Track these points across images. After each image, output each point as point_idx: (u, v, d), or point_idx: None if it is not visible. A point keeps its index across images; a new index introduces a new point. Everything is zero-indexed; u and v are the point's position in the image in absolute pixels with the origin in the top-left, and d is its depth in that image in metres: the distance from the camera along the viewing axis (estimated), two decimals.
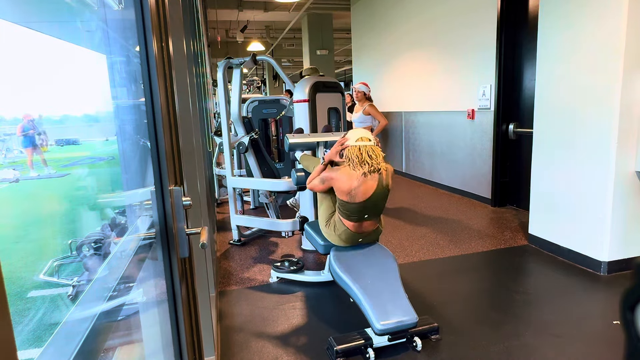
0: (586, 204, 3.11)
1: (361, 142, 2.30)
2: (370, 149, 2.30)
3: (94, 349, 0.87)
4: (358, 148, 2.29)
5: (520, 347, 2.21)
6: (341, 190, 2.30)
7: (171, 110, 1.04)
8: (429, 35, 5.98)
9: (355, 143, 2.31)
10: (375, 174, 2.27)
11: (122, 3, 1.34)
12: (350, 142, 2.33)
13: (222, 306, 2.81)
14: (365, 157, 2.27)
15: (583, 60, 3.06)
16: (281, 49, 14.81)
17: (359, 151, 2.28)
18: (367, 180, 2.25)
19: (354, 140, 2.32)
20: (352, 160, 2.29)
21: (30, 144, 1.92)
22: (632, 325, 0.81)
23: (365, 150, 2.28)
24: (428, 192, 5.87)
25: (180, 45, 1.74)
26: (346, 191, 2.27)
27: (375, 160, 2.28)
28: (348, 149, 2.32)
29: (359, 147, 2.29)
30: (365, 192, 2.26)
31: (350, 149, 2.31)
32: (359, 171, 2.25)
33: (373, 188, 2.27)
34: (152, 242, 1.15)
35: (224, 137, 3.97)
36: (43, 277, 1.61)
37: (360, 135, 2.34)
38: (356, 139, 2.33)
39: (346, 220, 2.39)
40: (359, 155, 2.27)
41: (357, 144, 2.30)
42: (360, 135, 2.34)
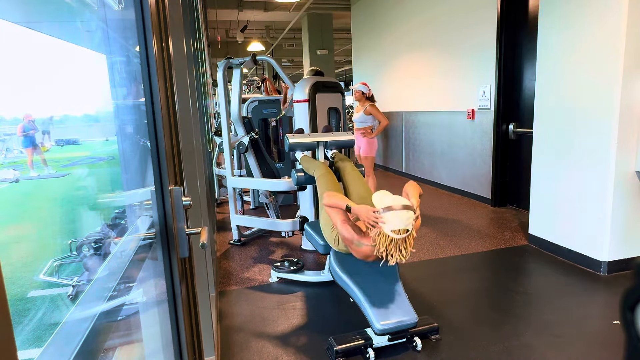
0: (586, 204, 3.11)
1: (397, 235, 1.86)
2: (404, 241, 1.89)
3: (94, 349, 0.87)
4: (391, 240, 1.88)
5: (520, 347, 2.21)
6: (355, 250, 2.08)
7: (171, 110, 1.04)
8: (429, 35, 5.98)
9: (390, 232, 1.86)
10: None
11: (122, 3, 1.34)
12: (385, 229, 1.87)
13: (222, 306, 2.81)
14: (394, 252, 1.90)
15: (583, 60, 3.06)
16: (281, 49, 14.81)
17: (390, 244, 1.88)
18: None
19: (390, 227, 1.86)
20: (378, 247, 1.92)
21: (31, 144, 1.92)
22: (632, 325, 0.81)
23: (397, 245, 1.89)
24: (428, 192, 5.87)
25: (180, 45, 1.74)
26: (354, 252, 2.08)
27: (404, 253, 1.91)
28: (380, 235, 1.90)
29: (392, 240, 1.88)
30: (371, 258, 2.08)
31: (382, 236, 1.89)
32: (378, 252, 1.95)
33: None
34: (152, 242, 1.15)
35: (224, 137, 3.97)
36: (43, 277, 1.61)
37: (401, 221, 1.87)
38: (394, 226, 1.86)
39: None
40: (388, 247, 1.89)
41: (392, 236, 1.87)
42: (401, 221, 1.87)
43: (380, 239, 1.89)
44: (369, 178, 4.86)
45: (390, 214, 1.87)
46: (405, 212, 1.88)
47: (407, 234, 1.88)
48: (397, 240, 1.88)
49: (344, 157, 2.99)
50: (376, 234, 1.91)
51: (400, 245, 1.89)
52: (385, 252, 1.90)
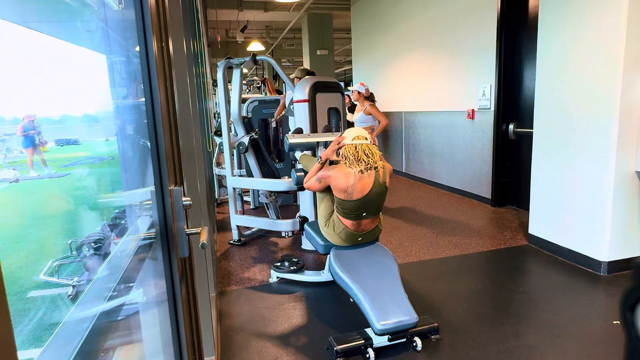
0: (586, 204, 3.11)
1: (357, 141, 2.35)
2: (367, 147, 2.34)
3: (94, 349, 0.87)
4: (354, 146, 2.33)
5: (520, 347, 2.21)
6: (338, 188, 2.31)
7: (171, 110, 1.04)
8: (429, 35, 5.98)
9: (351, 142, 2.35)
10: (372, 172, 2.30)
11: (122, 3, 1.34)
12: (346, 141, 2.37)
13: (222, 306, 2.81)
14: (362, 155, 2.30)
15: (583, 60, 3.06)
16: (281, 49, 14.81)
17: (355, 149, 2.32)
18: (363, 178, 2.28)
19: (350, 139, 2.37)
20: (348, 158, 2.32)
21: (31, 144, 1.92)
22: (632, 325, 0.81)
23: (362, 148, 2.32)
24: (428, 192, 5.87)
25: (180, 45, 1.74)
26: (343, 189, 2.29)
27: (371, 158, 2.31)
28: (344, 148, 2.36)
29: (355, 146, 2.33)
30: (362, 190, 2.27)
31: (347, 147, 2.35)
32: (356, 169, 2.29)
33: (370, 185, 2.28)
34: (152, 242, 1.15)
35: (224, 137, 3.97)
36: (43, 277, 1.61)
37: (357, 134, 2.38)
38: (352, 137, 2.37)
39: (345, 218, 2.40)
40: (355, 154, 2.31)
41: (354, 143, 2.35)
42: (357, 134, 2.38)
43: (346, 151, 2.34)
44: None
45: (346, 131, 2.43)
46: (358, 128, 2.44)
47: (366, 141, 2.35)
48: (360, 146, 2.32)
49: None
50: (343, 150, 2.36)
51: (365, 151, 2.31)
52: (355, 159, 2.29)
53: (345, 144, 2.37)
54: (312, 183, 2.50)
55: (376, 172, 2.31)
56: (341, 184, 2.29)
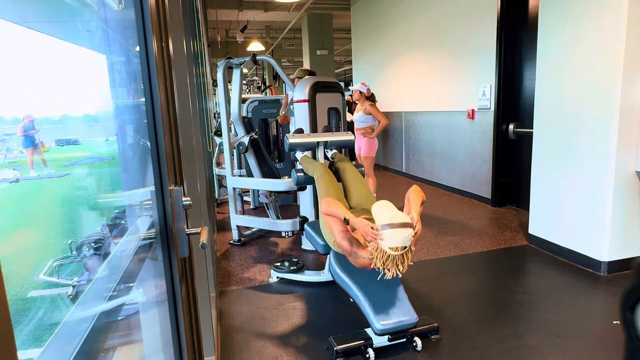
0: (586, 204, 3.11)
1: (395, 252, 1.84)
2: (402, 257, 1.87)
3: (94, 349, 0.87)
4: (388, 256, 1.86)
5: (520, 347, 2.21)
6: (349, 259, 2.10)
7: (171, 110, 1.04)
8: (429, 35, 5.98)
9: (387, 249, 1.84)
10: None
11: (122, 3, 1.34)
12: (383, 245, 1.84)
13: (222, 306, 2.81)
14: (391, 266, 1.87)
15: (583, 60, 3.06)
16: (281, 49, 14.81)
17: (387, 259, 1.86)
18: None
19: (388, 244, 1.83)
20: (375, 262, 1.90)
21: (31, 144, 1.92)
22: (632, 325, 0.81)
23: (395, 261, 1.86)
24: (428, 192, 5.87)
25: (180, 45, 1.74)
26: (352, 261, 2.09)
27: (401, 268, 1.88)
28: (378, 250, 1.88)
29: (389, 256, 1.86)
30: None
31: (379, 252, 1.87)
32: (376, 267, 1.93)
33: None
34: (152, 242, 1.15)
35: (224, 137, 3.97)
36: (43, 277, 1.61)
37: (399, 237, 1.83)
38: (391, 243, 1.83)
39: None
40: (385, 262, 1.87)
41: (389, 253, 1.84)
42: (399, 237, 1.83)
43: (378, 254, 1.87)
44: (369, 178, 4.86)
45: (388, 232, 1.83)
46: (404, 230, 1.84)
47: (404, 250, 1.86)
48: (395, 256, 1.85)
49: (343, 158, 2.99)
50: (374, 249, 1.88)
51: (397, 261, 1.86)
52: (383, 267, 1.87)
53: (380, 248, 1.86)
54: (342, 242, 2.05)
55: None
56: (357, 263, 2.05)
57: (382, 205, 1.98)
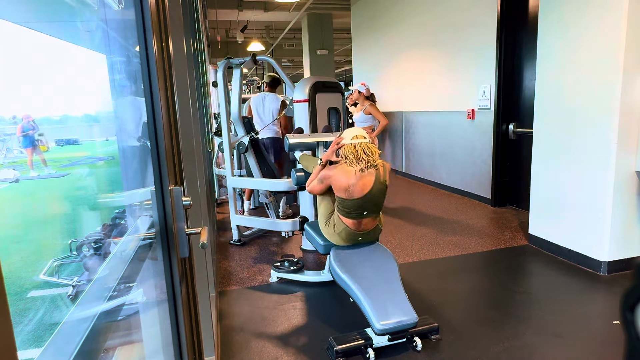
0: (586, 204, 3.11)
1: (356, 140, 2.37)
2: (366, 146, 2.36)
3: (94, 349, 0.87)
4: (353, 146, 2.35)
5: (520, 347, 2.21)
6: (339, 187, 2.32)
7: (171, 110, 1.04)
8: (429, 35, 5.98)
9: (350, 141, 2.37)
10: (372, 170, 2.32)
11: (122, 3, 1.34)
12: (345, 141, 2.39)
13: (222, 306, 2.81)
14: (361, 154, 2.33)
15: (583, 60, 3.06)
16: (281, 49, 14.81)
17: (354, 148, 2.34)
18: (364, 176, 2.29)
19: (349, 139, 2.39)
20: (348, 157, 2.34)
21: (30, 144, 1.92)
22: (632, 325, 0.81)
23: (361, 147, 2.35)
24: (428, 192, 5.87)
25: (180, 45, 1.74)
26: (344, 188, 2.30)
27: (371, 156, 2.34)
28: (344, 147, 2.39)
29: (354, 145, 2.36)
30: (363, 188, 2.29)
31: (346, 147, 2.37)
32: (356, 167, 2.30)
33: (370, 183, 2.30)
34: (152, 242, 1.16)
35: (224, 137, 3.97)
36: (43, 277, 1.61)
37: (355, 133, 2.41)
38: (351, 137, 2.39)
39: (345, 217, 2.40)
40: (355, 153, 2.33)
41: (353, 142, 2.37)
42: (355, 133, 2.41)
43: (346, 150, 2.36)
44: None
45: (345, 131, 2.46)
46: (356, 128, 2.47)
47: (365, 140, 2.37)
48: (360, 145, 2.34)
49: None
50: (342, 150, 2.38)
51: (364, 149, 2.33)
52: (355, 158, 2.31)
53: (344, 144, 2.39)
54: (314, 185, 2.51)
55: (376, 170, 2.33)
56: (342, 183, 2.30)
57: None
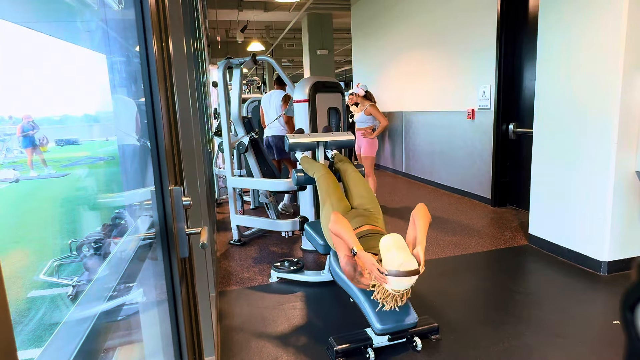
0: (586, 204, 3.11)
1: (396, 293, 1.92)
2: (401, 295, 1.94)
3: (94, 349, 0.87)
4: (389, 294, 1.92)
5: (520, 347, 2.21)
6: None
7: (171, 110, 1.04)
8: (429, 35, 5.98)
9: (389, 288, 1.89)
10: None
11: (122, 3, 1.34)
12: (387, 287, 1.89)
13: (222, 306, 2.81)
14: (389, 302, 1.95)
15: (583, 60, 3.06)
16: (281, 49, 14.81)
17: (388, 297, 1.93)
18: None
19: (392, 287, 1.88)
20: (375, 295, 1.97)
21: (30, 144, 1.92)
22: (632, 325, 0.81)
23: (395, 299, 1.94)
24: (428, 192, 5.87)
25: (180, 45, 1.74)
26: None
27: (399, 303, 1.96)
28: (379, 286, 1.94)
29: (389, 294, 1.92)
30: None
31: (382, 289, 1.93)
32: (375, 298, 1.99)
33: None
34: (152, 242, 1.15)
35: (224, 137, 3.97)
36: (43, 277, 1.61)
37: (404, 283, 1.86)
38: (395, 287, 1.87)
39: None
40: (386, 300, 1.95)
41: (390, 291, 1.90)
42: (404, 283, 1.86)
43: (380, 289, 1.93)
44: (369, 178, 4.86)
45: (395, 279, 1.84)
46: (410, 278, 1.85)
47: (405, 289, 1.91)
48: (395, 297, 1.93)
49: (344, 158, 2.99)
50: (377, 285, 1.94)
51: (397, 300, 1.94)
52: (382, 301, 1.95)
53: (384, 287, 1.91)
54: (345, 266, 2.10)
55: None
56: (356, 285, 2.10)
57: (392, 243, 1.93)
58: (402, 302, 1.96)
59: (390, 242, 1.94)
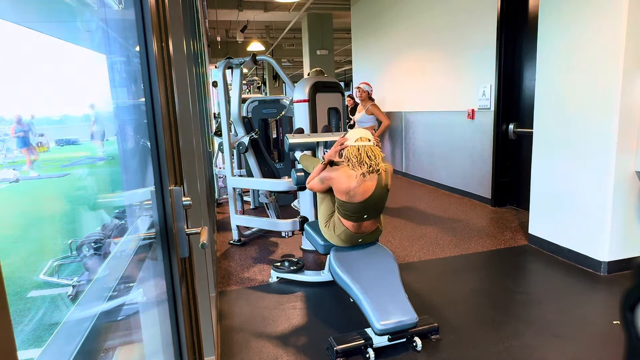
0: (586, 204, 3.11)
1: (360, 142, 2.29)
2: (370, 149, 2.28)
3: (94, 349, 0.87)
4: (357, 148, 2.28)
5: (520, 347, 2.21)
6: (340, 190, 2.30)
7: (171, 110, 1.04)
8: (429, 35, 5.98)
9: (354, 143, 2.30)
10: (374, 174, 2.27)
11: (122, 3, 1.34)
12: (349, 142, 2.32)
13: (222, 306, 2.81)
14: (364, 158, 2.26)
15: (583, 60, 3.06)
16: (281, 49, 14.81)
17: (357, 151, 2.27)
18: (365, 180, 2.25)
19: (353, 140, 2.32)
20: (350, 160, 2.28)
21: (24, 144, 1.92)
22: (632, 325, 0.81)
23: (365, 150, 2.27)
24: (428, 192, 5.87)
25: (180, 45, 1.74)
26: (345, 191, 2.27)
27: (374, 160, 2.27)
28: (347, 149, 2.32)
29: (357, 147, 2.28)
30: (364, 192, 2.26)
31: (349, 149, 2.30)
32: (358, 171, 2.25)
33: (372, 188, 2.27)
34: (152, 242, 1.15)
35: (224, 137, 3.97)
36: (43, 277, 1.61)
37: (360, 135, 2.33)
38: (355, 139, 2.32)
39: (345, 220, 2.39)
40: (358, 156, 2.26)
41: (356, 144, 2.29)
42: (360, 135, 2.33)
43: (349, 152, 2.29)
44: None
45: (349, 132, 2.39)
46: (361, 129, 2.39)
47: (369, 143, 2.30)
48: (363, 148, 2.27)
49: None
50: (345, 152, 2.31)
51: (368, 153, 2.26)
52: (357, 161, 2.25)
53: (348, 146, 2.32)
54: (315, 184, 2.48)
55: (378, 175, 2.28)
56: (343, 186, 2.28)
57: None
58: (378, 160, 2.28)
59: None
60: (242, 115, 4.37)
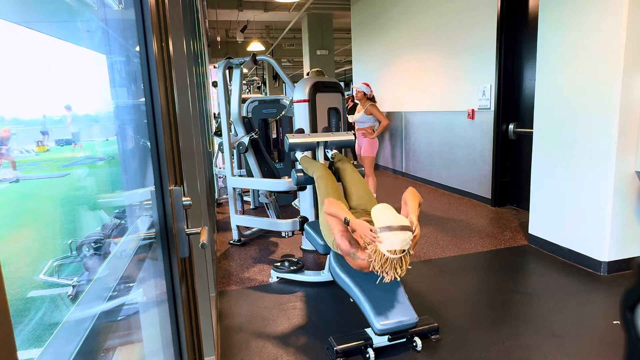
0: (586, 204, 3.11)
1: (393, 255, 1.84)
2: (400, 261, 1.87)
3: (94, 349, 0.87)
4: (386, 259, 1.86)
5: (520, 347, 2.21)
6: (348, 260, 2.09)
7: (171, 110, 1.04)
8: (429, 35, 5.98)
9: (385, 252, 1.84)
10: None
11: (122, 3, 1.34)
12: (381, 248, 1.85)
13: (222, 306, 2.81)
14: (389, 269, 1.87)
15: (583, 60, 3.06)
16: (281, 49, 14.81)
17: (385, 262, 1.86)
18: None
19: (386, 247, 1.84)
20: (373, 264, 1.89)
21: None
22: (632, 325, 0.81)
23: (393, 264, 1.86)
24: (428, 192, 5.87)
25: (180, 45, 1.74)
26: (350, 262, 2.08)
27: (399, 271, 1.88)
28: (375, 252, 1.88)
29: (387, 259, 1.86)
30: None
31: (378, 254, 1.87)
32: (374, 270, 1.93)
33: None
34: (152, 242, 1.16)
35: (224, 137, 3.97)
36: (43, 277, 1.61)
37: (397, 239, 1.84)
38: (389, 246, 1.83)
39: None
40: (383, 266, 1.87)
41: (387, 256, 1.84)
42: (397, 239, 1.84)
43: (376, 256, 1.87)
44: (369, 178, 4.86)
45: (387, 234, 1.84)
46: (402, 233, 1.85)
47: (403, 254, 1.87)
48: (393, 260, 1.86)
49: (343, 158, 2.99)
50: (372, 251, 1.89)
51: (396, 264, 1.87)
52: (381, 270, 1.88)
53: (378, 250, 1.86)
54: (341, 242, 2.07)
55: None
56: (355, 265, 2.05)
57: (382, 208, 1.99)
58: (402, 272, 1.88)
59: (381, 206, 2.02)
60: (242, 115, 4.37)
